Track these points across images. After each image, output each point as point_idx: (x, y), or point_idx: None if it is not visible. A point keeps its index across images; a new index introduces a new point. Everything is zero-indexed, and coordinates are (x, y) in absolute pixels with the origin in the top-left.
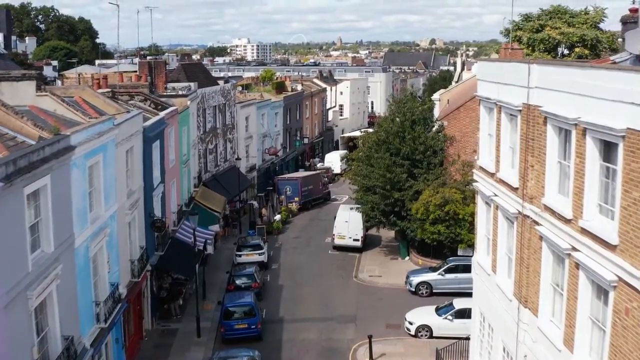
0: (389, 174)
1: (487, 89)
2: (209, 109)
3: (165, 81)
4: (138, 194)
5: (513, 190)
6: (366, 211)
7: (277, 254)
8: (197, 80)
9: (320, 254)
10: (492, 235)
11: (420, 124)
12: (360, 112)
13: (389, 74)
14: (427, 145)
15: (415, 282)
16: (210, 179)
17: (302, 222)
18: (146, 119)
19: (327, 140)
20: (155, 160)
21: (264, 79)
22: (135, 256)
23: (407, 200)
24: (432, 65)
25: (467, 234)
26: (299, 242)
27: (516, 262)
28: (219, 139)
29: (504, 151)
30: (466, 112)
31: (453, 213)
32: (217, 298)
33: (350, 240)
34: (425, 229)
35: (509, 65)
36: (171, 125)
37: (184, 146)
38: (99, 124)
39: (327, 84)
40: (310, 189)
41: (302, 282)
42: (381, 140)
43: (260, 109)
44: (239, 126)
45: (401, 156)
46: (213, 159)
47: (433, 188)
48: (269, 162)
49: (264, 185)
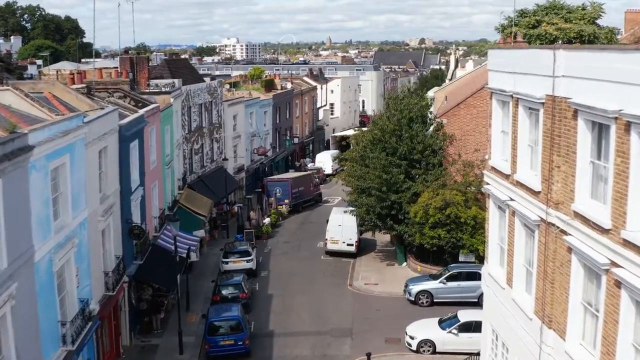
0: (385, 175)
1: (500, 80)
2: (195, 107)
3: (147, 78)
4: (113, 198)
5: (534, 194)
6: (361, 214)
7: (267, 260)
8: (181, 77)
9: (312, 259)
10: (506, 244)
11: (418, 122)
12: (351, 111)
13: (380, 73)
14: (426, 145)
15: (415, 291)
16: (196, 181)
17: (292, 225)
18: (124, 117)
19: (317, 139)
20: (133, 161)
21: (253, 77)
22: (110, 267)
23: (405, 203)
24: (423, 65)
25: (469, 239)
26: (290, 247)
27: (538, 276)
28: (205, 139)
29: (522, 150)
30: (467, 109)
31: (454, 216)
32: (201, 309)
33: (343, 245)
34: (424, 233)
35: (528, 52)
36: (152, 124)
37: (167, 146)
38: (64, 121)
39: (317, 82)
40: (301, 190)
41: (294, 291)
42: (376, 139)
43: (248, 108)
44: (226, 125)
45: (398, 156)
46: (199, 159)
47: (432, 190)
48: (257, 162)
49: (253, 187)
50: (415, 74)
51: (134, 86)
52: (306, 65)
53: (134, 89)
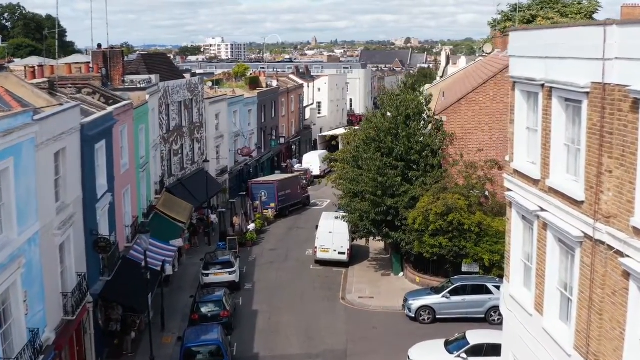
0: (380, 178)
1: (526, 67)
2: (174, 104)
3: (122, 73)
4: (74, 207)
5: (575, 204)
6: (354, 221)
7: (251, 270)
8: (159, 73)
9: (300, 269)
10: (534, 262)
11: (416, 120)
12: (339, 110)
13: (368, 71)
14: (424, 144)
15: (416, 307)
16: (175, 184)
17: (279, 230)
18: (91, 115)
19: (304, 139)
20: (100, 164)
21: (237, 74)
22: (70, 287)
23: (402, 208)
24: (409, 64)
25: (473, 247)
26: (276, 255)
27: (580, 305)
28: (185, 139)
29: (557, 150)
30: (468, 105)
31: (457, 223)
32: (179, 328)
33: (335, 254)
34: (423, 241)
35: (567, 31)
36: (123, 123)
37: (142, 147)
38: (6, 118)
39: (304, 80)
40: (287, 193)
41: (281, 306)
42: (370, 139)
43: (232, 106)
44: (208, 124)
45: (394, 157)
46: (178, 161)
47: (433, 194)
48: (242, 163)
49: (237, 190)
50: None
51: (107, 82)
52: (292, 63)
53: (106, 85)
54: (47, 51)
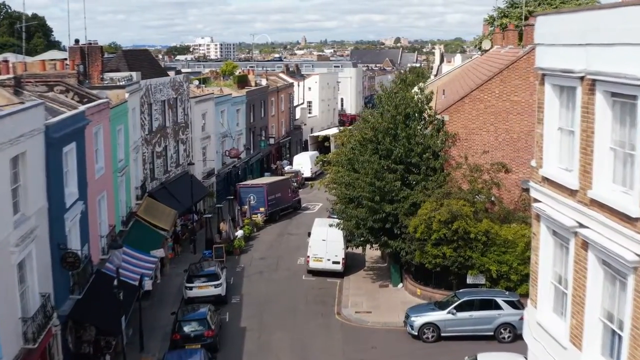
0: (378, 182)
1: (561, 56)
2: (157, 104)
3: (101, 70)
4: (37, 219)
5: (627, 221)
6: (349, 228)
7: (239, 281)
8: (141, 70)
9: (292, 280)
10: (571, 287)
11: (416, 119)
12: (330, 110)
13: (359, 69)
14: (425, 146)
15: (419, 324)
16: (159, 189)
17: (269, 237)
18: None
19: (295, 140)
20: (70, 169)
21: (225, 73)
22: (32, 310)
23: (402, 215)
24: (400, 63)
25: (480, 258)
26: (266, 264)
27: (633, 342)
28: (169, 140)
29: (601, 156)
30: (472, 103)
31: (463, 232)
32: (159, 349)
33: (328, 263)
34: (425, 251)
35: (616, 12)
36: (98, 123)
37: (121, 149)
38: None
39: (294, 79)
40: (277, 197)
41: (271, 323)
42: (367, 140)
43: (219, 105)
44: (194, 125)
45: (393, 159)
46: (162, 163)
47: (435, 199)
48: (230, 165)
49: (225, 193)
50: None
51: (84, 80)
52: (281, 62)
53: (82, 83)
54: (34, 50)
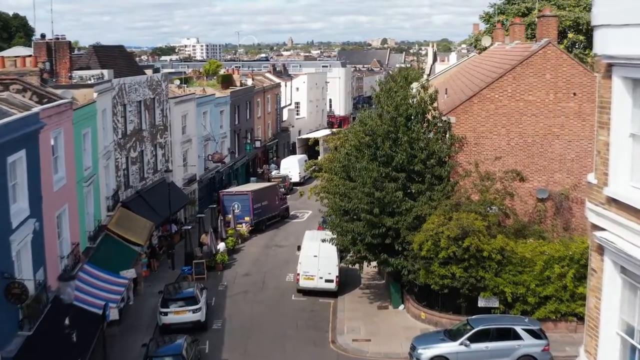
0: (377, 192)
1: (638, 40)
2: (131, 104)
3: (70, 68)
4: None
5: None
6: (344, 244)
7: (221, 302)
8: (114, 68)
9: (280, 301)
10: None
11: (419, 121)
12: (318, 111)
13: (348, 69)
14: (430, 151)
15: (427, 357)
16: (134, 198)
17: (254, 249)
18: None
19: (282, 142)
20: (18, 182)
21: (208, 72)
22: None
23: (404, 229)
24: (388, 64)
25: (493, 278)
26: (251, 282)
27: None
28: (145, 144)
29: None
30: (481, 104)
31: (475, 249)
32: None
33: (321, 282)
34: (432, 271)
35: None
36: (58, 127)
37: (87, 156)
38: None
39: (281, 79)
40: (264, 205)
41: (257, 353)
42: (364, 144)
43: (201, 106)
44: (173, 127)
45: (394, 166)
46: (137, 170)
47: (443, 212)
48: (213, 171)
49: (208, 201)
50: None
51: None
52: (268, 61)
53: (46, 81)
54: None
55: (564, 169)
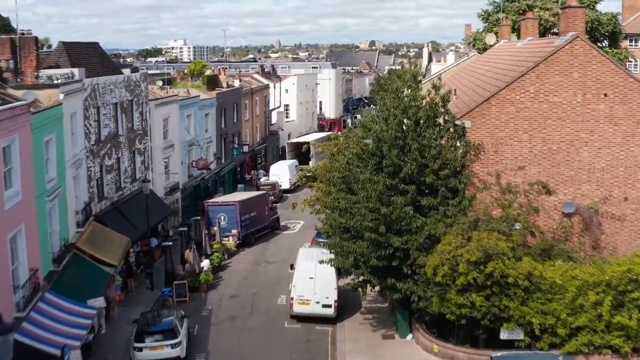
0: (383, 208)
1: None
2: (106, 107)
3: (36, 66)
4: None
5: None
6: (345, 266)
7: (205, 332)
8: (87, 67)
9: (272, 329)
10: None
11: (430, 126)
12: (309, 113)
13: (338, 70)
14: (443, 160)
15: None
16: (108, 210)
17: (242, 266)
18: None
19: (271, 146)
20: None
21: (193, 73)
22: None
23: (414, 250)
24: (377, 66)
25: (519, 308)
26: (239, 305)
27: None
28: (122, 151)
29: None
30: (500, 106)
31: (499, 275)
32: None
33: (318, 307)
34: (448, 299)
35: None
36: (10, 133)
37: (51, 166)
38: None
39: (270, 81)
40: (252, 216)
41: None
42: (367, 152)
43: (184, 109)
44: (154, 132)
45: (402, 178)
46: (113, 179)
47: (460, 231)
48: (198, 178)
49: (192, 211)
50: (371, 75)
51: (10, 78)
52: (256, 62)
53: (5, 81)
54: None
55: (592, 180)
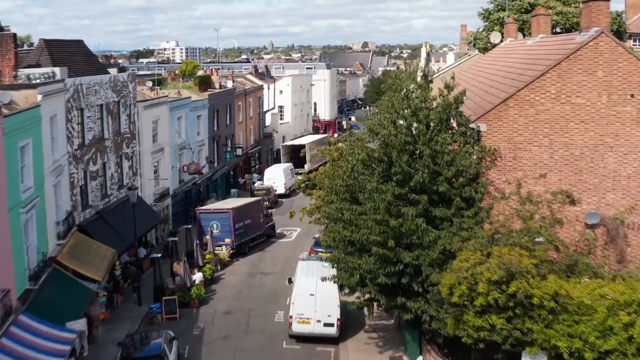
0: (392, 220)
1: None
2: (90, 109)
3: (15, 65)
4: None
5: None
6: (350, 284)
7: (196, 352)
8: (70, 66)
9: (269, 350)
10: None
11: (443, 130)
12: (303, 115)
13: (333, 71)
14: (457, 167)
15: None
16: (93, 220)
17: (236, 278)
18: None
19: (265, 149)
20: None
21: (184, 73)
22: None
23: (426, 266)
24: (370, 67)
25: (543, 330)
26: (233, 323)
27: None
28: (108, 156)
29: None
30: (519, 107)
31: (523, 295)
32: None
33: (319, 326)
34: (464, 321)
35: None
36: None
37: (27, 174)
38: None
39: (263, 81)
40: (247, 224)
41: None
42: (375, 159)
43: (175, 110)
44: (142, 135)
45: (412, 187)
46: (98, 186)
47: (478, 246)
48: (189, 183)
49: (183, 219)
50: (365, 76)
51: None
52: (249, 63)
53: None
54: None
55: (618, 188)
